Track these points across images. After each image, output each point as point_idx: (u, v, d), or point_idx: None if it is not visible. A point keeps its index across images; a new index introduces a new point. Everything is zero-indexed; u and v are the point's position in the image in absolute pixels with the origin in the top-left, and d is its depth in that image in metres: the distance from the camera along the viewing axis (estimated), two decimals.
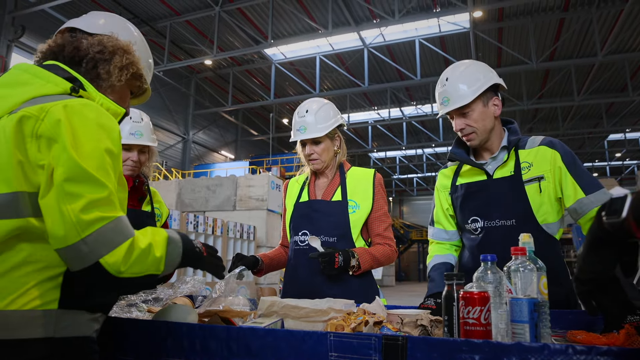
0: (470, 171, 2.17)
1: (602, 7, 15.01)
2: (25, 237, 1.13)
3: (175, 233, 1.31)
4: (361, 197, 2.30)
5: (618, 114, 23.08)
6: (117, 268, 1.10)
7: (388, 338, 1.14)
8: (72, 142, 1.12)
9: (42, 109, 1.15)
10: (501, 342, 1.05)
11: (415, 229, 39.62)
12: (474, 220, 2.10)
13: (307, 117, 2.31)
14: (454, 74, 2.11)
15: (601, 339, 1.23)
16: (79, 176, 1.10)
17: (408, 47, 18.29)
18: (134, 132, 2.55)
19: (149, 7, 16.27)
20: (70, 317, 1.17)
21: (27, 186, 1.13)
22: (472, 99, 2.03)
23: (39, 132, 1.13)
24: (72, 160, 1.10)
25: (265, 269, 2.37)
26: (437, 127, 25.84)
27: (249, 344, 1.28)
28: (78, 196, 1.09)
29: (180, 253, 1.28)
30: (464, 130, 2.09)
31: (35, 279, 1.13)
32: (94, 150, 1.15)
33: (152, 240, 1.20)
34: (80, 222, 1.07)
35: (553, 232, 2.00)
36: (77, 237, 1.07)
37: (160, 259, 1.20)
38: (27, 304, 1.11)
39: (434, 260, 2.22)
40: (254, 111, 25.86)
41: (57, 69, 1.30)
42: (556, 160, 1.99)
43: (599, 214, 1.00)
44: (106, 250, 1.09)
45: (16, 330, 1.09)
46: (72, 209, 1.08)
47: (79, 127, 1.15)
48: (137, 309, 1.94)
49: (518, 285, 1.30)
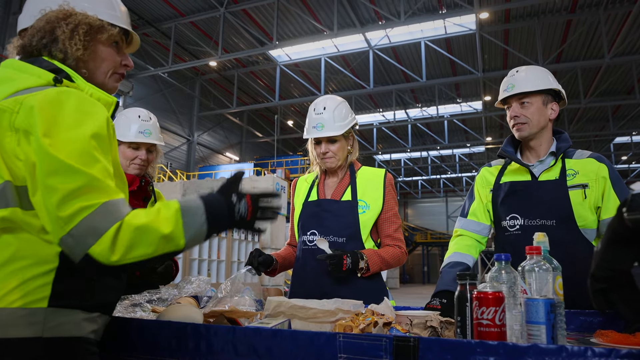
0: (516, 171, 2.23)
1: (610, 8, 14.92)
2: (13, 231, 1.11)
3: (196, 200, 1.19)
4: (371, 198, 2.27)
5: (625, 117, 22.94)
6: (107, 257, 1.04)
7: (399, 339, 1.11)
8: (46, 132, 1.07)
9: (16, 101, 1.12)
10: (517, 344, 1.01)
11: (420, 231, 39.55)
12: (513, 217, 2.15)
13: (324, 114, 2.28)
14: (525, 69, 2.23)
15: (631, 339, 1.19)
16: (54, 167, 1.05)
17: (413, 48, 18.25)
18: (143, 130, 2.55)
19: (154, 8, 16.29)
20: (60, 316, 1.13)
21: (11, 177, 1.11)
22: (535, 89, 2.13)
23: (16, 125, 1.10)
24: (44, 151, 1.06)
25: (278, 268, 2.34)
26: (442, 129, 25.78)
27: (255, 344, 1.25)
28: (54, 189, 1.04)
29: (203, 222, 1.16)
30: (517, 119, 2.16)
31: (24, 276, 1.09)
32: (73, 137, 1.09)
33: (155, 217, 1.10)
34: (61, 216, 1.03)
35: (591, 238, 2.06)
36: (62, 232, 1.03)
37: (170, 235, 1.10)
38: (14, 301, 1.07)
39: (451, 257, 2.21)
40: (259, 113, 25.87)
41: (40, 62, 1.25)
42: (602, 171, 2.07)
43: (620, 210, 0.96)
44: (93, 240, 1.03)
45: (5, 328, 1.06)
46: (51, 203, 1.03)
47: (54, 115, 1.11)
48: (142, 309, 1.92)
49: (533, 286, 1.27)
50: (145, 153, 2.55)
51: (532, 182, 2.15)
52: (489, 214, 2.29)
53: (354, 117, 2.39)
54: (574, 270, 1.72)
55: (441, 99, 22.43)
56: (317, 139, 2.33)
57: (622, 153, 29.75)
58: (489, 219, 2.29)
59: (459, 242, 2.27)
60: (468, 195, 2.40)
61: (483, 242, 2.29)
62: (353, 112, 2.41)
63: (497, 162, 2.36)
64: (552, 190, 2.09)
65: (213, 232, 1.20)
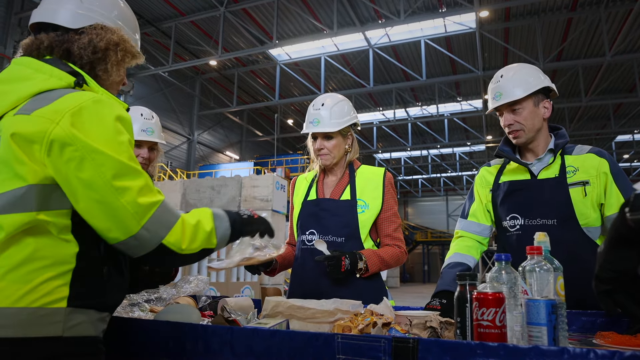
0: (514, 170, 2.21)
1: (611, 6, 14.87)
2: (31, 232, 1.12)
3: (220, 210, 1.41)
4: (370, 197, 2.26)
5: (626, 115, 22.88)
6: (179, 245, 1.22)
7: (398, 340, 1.09)
8: (99, 141, 1.14)
9: (56, 112, 1.14)
10: (518, 346, 1.00)
11: (420, 230, 39.53)
12: (513, 217, 2.13)
13: (322, 110, 2.29)
14: (509, 72, 2.16)
15: (633, 340, 1.18)
16: (119, 170, 1.15)
17: (413, 47, 18.22)
18: (146, 128, 2.57)
19: (154, 8, 16.27)
20: (79, 316, 1.16)
21: (35, 180, 1.12)
22: (524, 96, 2.07)
23: (52, 135, 1.12)
24: (106, 156, 1.13)
25: (278, 267, 2.33)
26: (442, 128, 25.75)
27: (253, 345, 1.24)
28: (127, 189, 1.14)
29: (228, 226, 1.38)
30: (512, 126, 2.13)
31: (43, 276, 1.11)
32: (121, 144, 1.18)
33: (199, 217, 1.31)
34: (137, 211, 1.15)
35: (594, 237, 2.01)
36: (137, 226, 1.15)
37: (210, 233, 1.31)
38: (35, 301, 1.09)
39: (452, 258, 2.20)
40: (259, 112, 25.84)
41: (58, 63, 1.27)
42: (603, 167, 2.02)
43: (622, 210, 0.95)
44: (165, 232, 1.19)
45: (26, 328, 1.08)
46: (126, 201, 1.13)
47: (99, 125, 1.16)
48: (140, 309, 1.91)
49: (534, 286, 1.25)
50: (147, 151, 2.57)
51: (532, 180, 2.12)
52: (489, 214, 2.27)
53: (355, 117, 2.37)
54: (576, 270, 1.70)
55: (441, 98, 22.39)
56: (314, 135, 2.32)
57: (624, 151, 29.70)
58: (489, 219, 2.27)
59: (460, 243, 2.25)
60: (468, 196, 2.38)
61: (484, 243, 2.28)
62: (355, 112, 2.40)
63: (496, 162, 2.34)
64: (552, 189, 2.06)
65: (235, 234, 1.43)
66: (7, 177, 1.12)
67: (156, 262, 1.27)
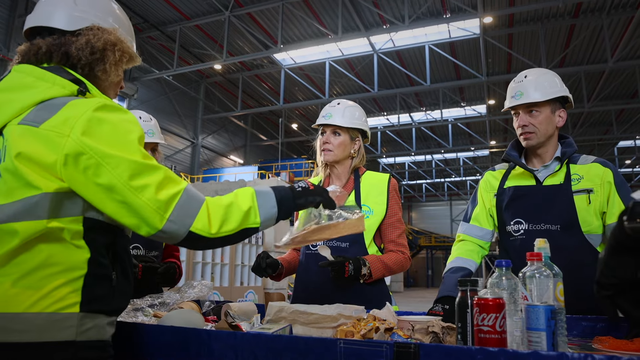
0: (520, 175, 2.22)
1: (613, 13, 14.89)
2: (44, 238, 1.13)
3: (267, 187, 1.37)
4: (375, 202, 2.27)
5: (628, 121, 22.82)
6: (208, 230, 1.21)
7: (400, 345, 1.11)
8: (111, 144, 1.16)
9: (66, 124, 1.15)
10: (517, 351, 1.01)
11: (424, 235, 39.45)
12: (517, 222, 2.14)
13: (336, 107, 2.37)
14: (533, 74, 2.18)
15: (629, 345, 1.19)
16: (136, 169, 1.16)
17: (418, 52, 18.24)
18: (147, 130, 2.61)
19: (159, 12, 16.35)
20: (91, 320, 1.18)
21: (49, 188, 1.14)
22: (544, 100, 2.10)
23: (66, 149, 1.13)
24: (120, 158, 1.15)
25: (283, 272, 2.34)
26: (446, 133, 25.74)
27: (256, 350, 1.25)
28: (145, 186, 1.15)
29: (274, 204, 1.34)
30: (525, 128, 2.13)
31: (56, 282, 1.13)
32: (132, 143, 1.19)
33: (236, 197, 1.30)
34: (159, 207, 1.16)
35: (595, 244, 2.04)
36: (162, 221, 1.16)
37: (248, 212, 1.28)
38: (49, 306, 1.11)
39: (453, 262, 2.21)
40: (263, 116, 25.90)
41: (60, 71, 1.27)
42: (607, 176, 2.05)
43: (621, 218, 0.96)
44: (191, 220, 1.19)
45: (40, 332, 1.10)
46: (147, 199, 1.15)
47: (108, 129, 1.18)
48: (143, 314, 1.92)
49: (534, 292, 1.27)
50: (150, 153, 2.59)
51: (537, 186, 2.15)
52: (492, 219, 2.28)
53: (366, 125, 2.42)
54: (578, 276, 1.71)
55: (445, 103, 22.41)
56: (323, 130, 2.37)
57: (626, 157, 29.61)
58: (491, 224, 2.28)
59: (461, 247, 2.27)
60: (471, 200, 2.39)
61: (486, 247, 2.29)
62: (367, 123, 2.45)
63: (500, 167, 2.36)
64: (557, 195, 2.08)
65: (282, 214, 1.36)
66: (19, 185, 1.13)
67: (192, 247, 1.25)
